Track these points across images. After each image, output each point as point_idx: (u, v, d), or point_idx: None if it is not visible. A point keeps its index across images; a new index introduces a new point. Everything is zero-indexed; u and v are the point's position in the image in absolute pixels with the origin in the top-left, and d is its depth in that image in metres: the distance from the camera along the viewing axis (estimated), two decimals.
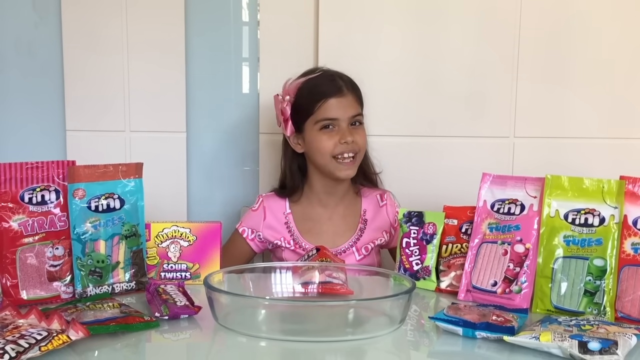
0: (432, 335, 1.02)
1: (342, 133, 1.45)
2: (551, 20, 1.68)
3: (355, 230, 1.53)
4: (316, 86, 1.47)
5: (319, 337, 0.98)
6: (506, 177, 1.24)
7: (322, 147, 1.45)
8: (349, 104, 1.46)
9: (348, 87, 1.47)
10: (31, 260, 1.16)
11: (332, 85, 1.46)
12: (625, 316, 1.08)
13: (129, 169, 1.24)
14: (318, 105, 1.45)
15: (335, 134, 1.45)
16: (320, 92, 1.46)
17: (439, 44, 1.70)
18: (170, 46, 1.71)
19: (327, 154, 1.45)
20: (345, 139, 1.44)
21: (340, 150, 1.45)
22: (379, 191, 1.57)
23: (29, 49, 1.72)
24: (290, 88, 1.49)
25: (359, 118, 1.49)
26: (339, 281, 1.18)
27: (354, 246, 1.52)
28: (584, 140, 1.71)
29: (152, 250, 1.27)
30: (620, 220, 1.11)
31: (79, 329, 0.90)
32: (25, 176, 1.16)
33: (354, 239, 1.52)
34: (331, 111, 1.45)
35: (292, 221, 1.53)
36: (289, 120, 1.49)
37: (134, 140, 1.72)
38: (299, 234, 1.52)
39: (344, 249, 1.51)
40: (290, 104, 1.49)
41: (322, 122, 1.45)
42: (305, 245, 1.50)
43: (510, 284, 1.15)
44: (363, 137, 1.49)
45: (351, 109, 1.47)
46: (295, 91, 1.48)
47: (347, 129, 1.46)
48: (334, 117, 1.45)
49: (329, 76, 1.49)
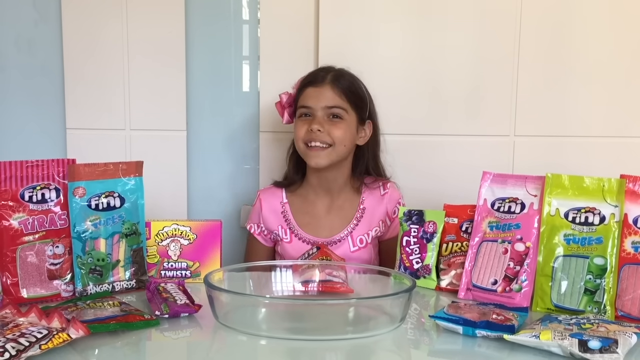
0: (433, 333, 1.02)
1: (312, 121, 1.48)
2: (552, 19, 1.68)
3: (351, 220, 1.54)
4: (307, 76, 1.53)
5: (319, 335, 0.98)
6: (507, 175, 1.24)
7: (296, 133, 1.51)
8: (325, 94, 1.48)
9: (332, 80, 1.49)
10: (31, 258, 1.15)
11: (314, 76, 1.52)
12: (625, 315, 1.08)
13: (129, 167, 1.24)
14: (301, 93, 1.51)
15: (309, 122, 1.48)
16: (305, 81, 1.52)
17: (439, 42, 1.70)
18: (171, 44, 1.71)
19: (299, 140, 1.50)
20: (311, 127, 1.46)
21: (309, 138, 1.47)
22: (382, 180, 1.57)
23: (29, 47, 1.72)
24: (298, 82, 1.55)
25: (337, 111, 1.48)
26: (340, 280, 1.19)
27: (349, 236, 1.52)
28: (584, 138, 1.71)
29: (152, 248, 1.27)
30: (621, 218, 1.11)
31: (79, 328, 0.90)
32: (26, 174, 1.16)
33: (349, 229, 1.53)
34: (307, 99, 1.49)
35: (289, 211, 1.54)
36: (285, 108, 1.56)
37: (134, 139, 1.72)
38: (295, 223, 1.53)
39: (338, 238, 1.52)
40: (291, 95, 1.55)
41: (299, 109, 1.51)
42: (302, 235, 1.51)
43: (510, 283, 1.15)
44: (340, 131, 1.48)
45: (327, 99, 1.48)
46: (297, 84, 1.55)
47: (320, 119, 1.47)
48: (308, 105, 1.49)
49: (321, 69, 1.55)
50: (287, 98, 1.55)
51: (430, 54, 1.70)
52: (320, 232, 1.52)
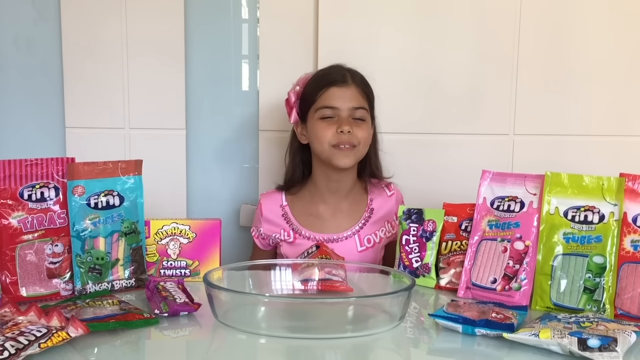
0: (432, 332, 1.02)
1: (341, 122, 1.45)
2: (551, 17, 1.68)
3: (359, 220, 1.53)
4: (323, 75, 1.50)
5: (318, 334, 0.98)
6: (506, 174, 1.24)
7: (321, 135, 1.46)
8: (351, 95, 1.47)
9: (355, 80, 1.48)
10: (30, 257, 1.15)
11: (337, 75, 1.48)
12: (624, 313, 1.08)
13: (128, 166, 1.24)
14: (320, 93, 1.47)
15: (334, 122, 1.45)
16: (325, 81, 1.48)
17: (439, 41, 1.70)
18: (170, 43, 1.70)
19: (325, 143, 1.45)
20: (342, 128, 1.44)
21: (338, 140, 1.45)
22: (384, 182, 1.57)
23: (29, 45, 1.72)
24: (302, 79, 1.53)
25: (362, 113, 1.48)
26: (339, 278, 1.18)
27: (356, 234, 1.51)
28: (583, 137, 1.71)
29: (151, 247, 1.27)
30: (620, 217, 1.11)
31: (79, 326, 0.90)
32: (25, 173, 1.16)
33: (356, 228, 1.52)
34: (332, 99, 1.46)
35: (289, 213, 1.53)
36: (293, 108, 1.52)
37: (133, 138, 1.72)
38: (298, 224, 1.52)
39: (345, 235, 1.51)
40: (297, 93, 1.52)
41: (322, 109, 1.46)
42: (306, 234, 1.50)
43: (509, 281, 1.15)
44: (364, 132, 1.47)
45: (353, 100, 1.46)
46: (306, 82, 1.52)
47: (347, 120, 1.45)
48: (334, 105, 1.45)
49: (338, 68, 1.51)
50: (296, 96, 1.52)
51: (430, 53, 1.70)
52: (325, 230, 1.51)
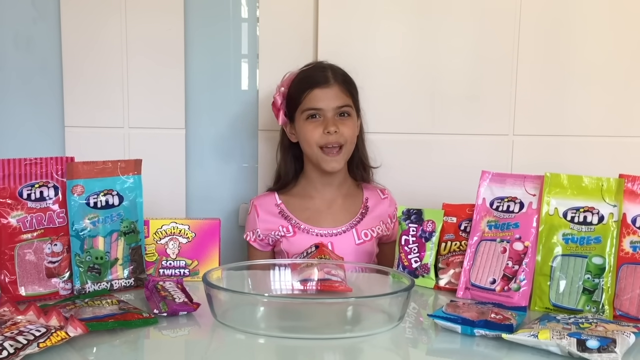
0: (431, 332, 1.02)
1: (327, 123, 1.47)
2: (551, 18, 1.68)
3: (356, 214, 1.54)
4: (305, 77, 1.51)
5: (317, 334, 0.98)
6: (505, 174, 1.24)
7: (308, 137, 1.48)
8: (334, 94, 1.48)
9: (336, 79, 1.49)
10: (30, 256, 1.15)
11: (319, 76, 1.50)
12: (623, 314, 1.08)
13: (127, 166, 1.24)
14: (304, 95, 1.49)
15: (320, 124, 1.47)
16: (307, 83, 1.50)
17: (438, 40, 1.70)
18: (169, 42, 1.70)
19: (313, 144, 1.48)
20: (328, 129, 1.46)
21: (325, 141, 1.47)
22: (379, 187, 1.61)
23: (28, 45, 1.72)
24: (286, 80, 1.54)
25: (346, 109, 1.49)
26: (338, 278, 1.18)
27: (353, 228, 1.52)
28: (583, 138, 1.72)
29: (150, 246, 1.27)
30: (619, 218, 1.11)
31: (78, 326, 0.90)
32: (24, 172, 1.16)
33: (354, 222, 1.53)
34: (316, 101, 1.48)
35: (286, 209, 1.54)
36: (280, 110, 1.54)
37: (132, 137, 1.72)
38: (296, 218, 1.53)
39: (343, 229, 1.52)
40: (283, 94, 1.53)
41: (307, 111, 1.49)
42: (305, 228, 1.51)
43: (509, 282, 1.15)
44: (350, 129, 1.49)
45: (337, 99, 1.48)
46: (290, 82, 1.53)
47: (333, 119, 1.47)
48: (318, 107, 1.48)
49: (319, 68, 1.53)
50: (282, 98, 1.54)
51: (430, 53, 1.70)
52: (323, 223, 1.52)
